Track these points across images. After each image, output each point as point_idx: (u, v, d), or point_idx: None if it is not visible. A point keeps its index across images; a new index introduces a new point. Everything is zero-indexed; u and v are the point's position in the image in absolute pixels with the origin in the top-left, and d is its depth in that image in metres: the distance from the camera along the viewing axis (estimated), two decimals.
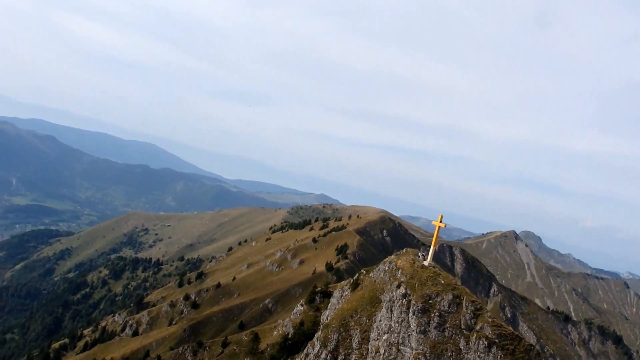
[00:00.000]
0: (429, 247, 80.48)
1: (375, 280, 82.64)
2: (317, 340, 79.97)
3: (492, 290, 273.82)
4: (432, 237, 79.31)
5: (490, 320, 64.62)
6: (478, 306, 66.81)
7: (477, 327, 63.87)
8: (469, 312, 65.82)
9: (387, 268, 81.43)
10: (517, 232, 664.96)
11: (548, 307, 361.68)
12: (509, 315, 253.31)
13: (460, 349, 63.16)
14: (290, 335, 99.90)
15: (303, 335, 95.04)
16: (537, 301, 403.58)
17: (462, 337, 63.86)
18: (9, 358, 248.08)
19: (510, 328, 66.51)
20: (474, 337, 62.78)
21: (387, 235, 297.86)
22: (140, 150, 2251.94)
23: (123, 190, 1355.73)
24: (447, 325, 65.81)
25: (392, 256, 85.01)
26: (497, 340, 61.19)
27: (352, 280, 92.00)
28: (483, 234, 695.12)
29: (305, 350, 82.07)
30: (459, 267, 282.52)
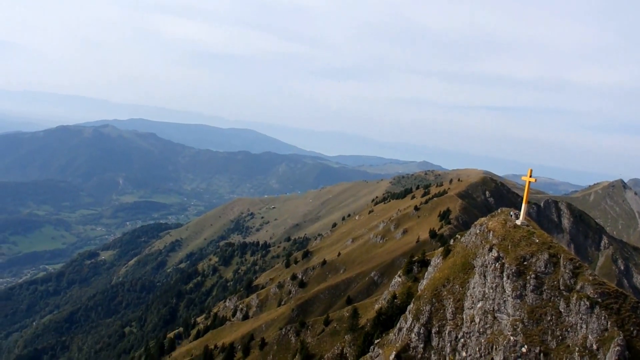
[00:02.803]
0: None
1: (467, 245, 78.15)
2: (409, 312, 76.59)
3: (602, 243, 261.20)
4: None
5: (591, 278, 59.23)
6: (577, 264, 61.31)
7: (578, 287, 58.56)
8: (567, 271, 60.53)
9: (478, 231, 76.65)
10: (625, 181, 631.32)
11: None
12: (622, 268, 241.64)
13: (560, 312, 58.14)
14: (383, 310, 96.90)
15: (397, 308, 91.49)
16: None
17: (562, 299, 58.73)
18: (129, 350, 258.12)
19: (614, 285, 60.81)
20: (574, 298, 57.53)
21: (490, 197, 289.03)
22: (240, 137, 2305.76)
23: (227, 178, 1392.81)
24: (545, 287, 60.81)
25: (484, 218, 79.94)
26: (600, 300, 55.80)
27: (445, 247, 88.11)
28: (590, 185, 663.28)
29: (398, 325, 79.22)
30: (566, 222, 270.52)
